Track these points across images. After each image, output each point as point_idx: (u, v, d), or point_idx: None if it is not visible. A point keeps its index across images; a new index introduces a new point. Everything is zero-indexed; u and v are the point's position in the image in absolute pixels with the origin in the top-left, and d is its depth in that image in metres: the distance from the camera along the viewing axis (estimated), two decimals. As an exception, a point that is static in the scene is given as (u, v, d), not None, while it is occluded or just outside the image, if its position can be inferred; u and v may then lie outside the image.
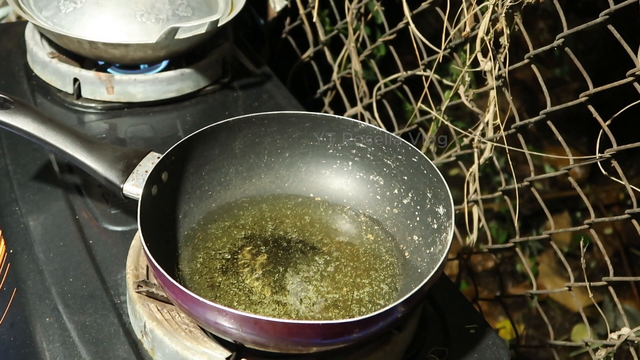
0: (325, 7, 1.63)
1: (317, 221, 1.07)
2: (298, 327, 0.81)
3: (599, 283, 1.11)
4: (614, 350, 1.07)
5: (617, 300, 1.08)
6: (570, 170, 1.11)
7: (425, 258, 0.99)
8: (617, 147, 0.99)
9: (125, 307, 0.99)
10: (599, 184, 2.24)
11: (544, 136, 2.27)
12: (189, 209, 1.03)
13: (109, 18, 1.30)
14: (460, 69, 1.20)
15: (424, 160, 1.02)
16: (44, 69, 1.34)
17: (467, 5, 1.15)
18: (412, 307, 0.87)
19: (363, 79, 1.51)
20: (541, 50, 1.09)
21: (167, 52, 1.30)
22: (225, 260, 0.99)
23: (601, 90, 1.00)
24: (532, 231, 2.11)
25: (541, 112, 1.11)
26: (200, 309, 0.82)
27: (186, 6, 1.34)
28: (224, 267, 0.98)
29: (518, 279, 2.07)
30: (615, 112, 0.98)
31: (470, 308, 1.07)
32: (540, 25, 2.52)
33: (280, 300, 0.94)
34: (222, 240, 1.02)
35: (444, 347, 0.99)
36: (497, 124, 1.19)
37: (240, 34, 1.55)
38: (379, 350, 0.91)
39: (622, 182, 1.00)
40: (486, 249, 1.36)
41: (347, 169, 1.10)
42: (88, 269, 1.03)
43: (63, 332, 0.95)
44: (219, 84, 1.40)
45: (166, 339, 0.90)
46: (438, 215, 1.00)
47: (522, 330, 1.95)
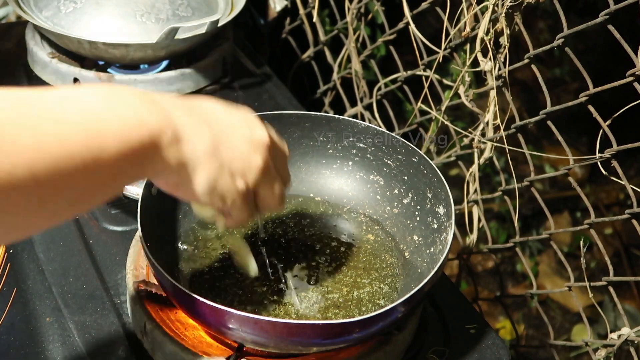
0: (325, 7, 1.63)
1: (317, 221, 1.07)
2: (298, 327, 0.81)
3: (599, 283, 1.11)
4: (614, 350, 1.07)
5: (617, 300, 1.08)
6: (570, 170, 1.11)
7: (425, 258, 0.99)
8: (617, 147, 0.99)
9: (125, 307, 0.99)
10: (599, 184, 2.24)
11: (544, 136, 2.27)
12: (189, 209, 1.03)
13: (109, 18, 1.30)
14: (460, 69, 1.20)
15: (424, 160, 1.02)
16: (44, 69, 1.34)
17: (467, 5, 1.15)
18: (412, 307, 0.87)
19: (363, 79, 1.51)
20: (541, 50, 1.09)
21: (167, 52, 1.30)
22: (225, 260, 0.99)
23: (601, 90, 1.00)
24: (532, 231, 2.11)
25: (541, 112, 1.11)
26: (200, 309, 0.82)
27: (186, 6, 1.34)
28: (224, 267, 0.98)
29: (518, 279, 2.07)
30: (615, 112, 0.98)
31: (470, 308, 1.07)
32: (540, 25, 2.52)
33: (280, 300, 0.94)
34: (222, 240, 1.02)
35: (444, 347, 0.99)
36: (497, 124, 1.19)
37: (240, 34, 1.55)
38: (379, 350, 0.91)
39: (622, 182, 1.00)
40: (486, 249, 1.36)
41: (347, 169, 1.10)
42: (88, 269, 1.03)
43: (63, 332, 0.95)
44: (219, 84, 1.40)
45: (166, 339, 0.90)
46: (438, 215, 1.00)
47: (522, 330, 1.95)
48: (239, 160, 0.73)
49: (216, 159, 0.71)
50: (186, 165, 0.68)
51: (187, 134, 0.68)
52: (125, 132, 0.62)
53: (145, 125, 0.63)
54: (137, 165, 0.64)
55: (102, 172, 0.60)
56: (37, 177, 0.55)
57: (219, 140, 0.71)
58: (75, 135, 0.58)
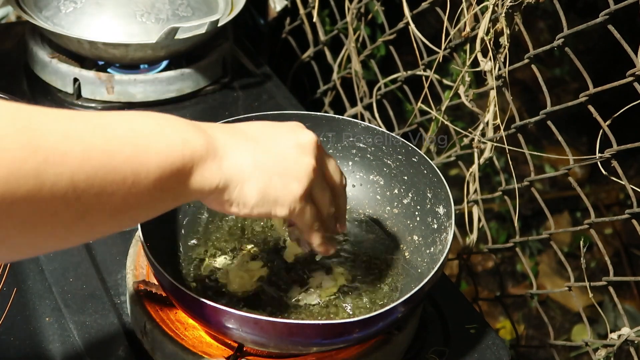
0: (325, 7, 1.63)
1: (317, 221, 1.06)
2: (298, 327, 0.81)
3: (599, 283, 1.11)
4: (614, 350, 1.07)
5: (617, 300, 1.08)
6: (570, 170, 1.11)
7: (425, 258, 0.99)
8: (617, 147, 0.99)
9: (125, 307, 0.99)
10: (599, 184, 2.24)
11: (544, 136, 2.27)
12: (189, 209, 1.03)
13: (109, 18, 1.30)
14: (460, 69, 1.20)
15: (424, 160, 1.02)
16: (44, 69, 1.34)
17: (467, 5, 1.15)
18: (412, 307, 0.87)
19: (363, 79, 1.51)
20: (541, 50, 1.09)
21: (167, 52, 1.30)
22: (226, 260, 0.99)
23: (601, 90, 1.00)
24: (532, 231, 2.11)
25: (541, 112, 1.11)
26: (200, 309, 0.82)
27: (186, 6, 1.34)
28: (224, 266, 0.98)
29: (518, 279, 2.07)
30: (615, 112, 0.98)
31: (470, 308, 1.07)
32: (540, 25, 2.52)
33: (280, 300, 0.94)
34: (222, 240, 1.02)
35: (444, 347, 0.99)
36: (497, 124, 1.19)
37: (240, 34, 1.55)
38: (379, 350, 0.91)
39: (622, 182, 1.00)
40: (486, 249, 1.36)
41: (347, 168, 1.10)
42: (88, 269, 1.03)
43: (63, 332, 0.95)
44: (219, 84, 1.40)
45: (166, 339, 0.90)
46: (438, 215, 1.00)
47: (522, 330, 1.95)
48: (288, 164, 0.74)
49: (263, 168, 0.72)
50: (231, 180, 0.70)
51: (229, 151, 0.69)
52: (168, 151, 0.64)
53: (188, 145, 0.65)
54: (179, 184, 0.66)
55: (142, 187, 0.61)
56: (77, 187, 0.56)
57: (265, 151, 0.72)
58: (121, 150, 0.60)
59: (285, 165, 0.74)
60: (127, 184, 0.60)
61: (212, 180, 0.68)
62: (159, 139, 0.64)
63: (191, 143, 0.66)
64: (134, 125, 0.63)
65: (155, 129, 0.64)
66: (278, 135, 0.75)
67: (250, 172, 0.71)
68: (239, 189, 0.71)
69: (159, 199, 0.65)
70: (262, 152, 0.72)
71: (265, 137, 0.74)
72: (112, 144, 0.60)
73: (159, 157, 0.63)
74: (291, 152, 0.75)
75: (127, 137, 0.61)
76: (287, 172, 0.74)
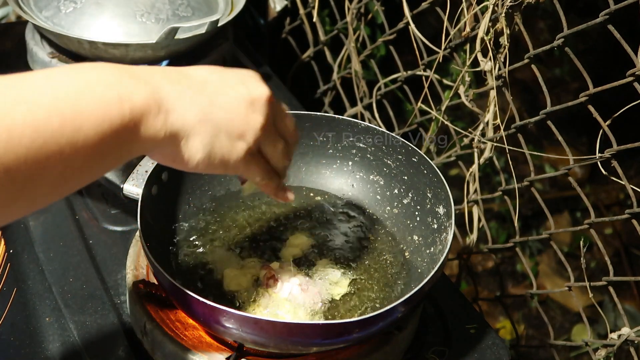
0: (325, 7, 1.63)
1: (317, 221, 1.07)
2: (298, 327, 0.81)
3: (599, 283, 1.11)
4: (614, 350, 1.07)
5: (617, 300, 1.08)
6: (570, 170, 1.11)
7: (425, 258, 0.99)
8: (617, 147, 0.99)
9: (125, 307, 0.99)
10: (599, 184, 2.24)
11: (544, 136, 2.27)
12: (189, 209, 1.03)
13: (109, 18, 1.30)
14: (460, 69, 1.20)
15: (424, 160, 1.02)
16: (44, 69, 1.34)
17: (467, 5, 1.15)
18: (412, 307, 0.87)
19: (363, 79, 1.51)
20: (541, 50, 1.09)
21: (167, 52, 1.30)
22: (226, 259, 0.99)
23: (601, 90, 1.00)
24: (532, 231, 2.11)
25: (541, 112, 1.11)
26: (200, 309, 0.82)
27: (186, 6, 1.34)
28: (224, 266, 0.98)
29: (518, 279, 2.07)
30: (615, 112, 0.98)
31: (470, 308, 1.07)
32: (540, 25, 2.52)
33: (280, 300, 0.94)
34: (222, 240, 1.02)
35: (444, 347, 0.99)
36: (497, 124, 1.19)
37: (240, 34, 1.55)
38: (379, 350, 0.91)
39: (622, 182, 1.00)
40: (486, 249, 1.36)
41: (347, 168, 1.10)
42: (88, 269, 1.03)
43: (63, 332, 0.95)
44: (219, 84, 1.40)
45: (166, 339, 0.90)
46: (438, 215, 1.00)
47: (522, 330, 1.95)
48: (236, 120, 0.70)
49: (210, 123, 0.68)
50: (177, 134, 0.66)
51: (174, 103, 0.65)
52: (104, 113, 0.59)
53: (125, 102, 0.61)
54: (122, 144, 0.62)
55: (81, 155, 0.58)
56: (8, 169, 0.53)
57: (212, 103, 0.68)
58: (49, 121, 0.56)
59: (233, 122, 0.69)
60: (64, 155, 0.56)
61: (157, 136, 0.64)
62: (90, 100, 0.59)
63: (129, 100, 0.61)
64: (58, 92, 0.58)
65: (84, 88, 0.59)
66: (228, 85, 0.70)
67: (197, 125, 0.67)
68: (184, 143, 0.67)
69: (102, 162, 0.62)
70: (209, 103, 0.68)
71: (214, 85, 0.69)
72: (38, 117, 0.55)
73: (94, 122, 0.58)
74: (240, 107, 0.70)
75: (53, 108, 0.56)
76: (234, 129, 0.69)
